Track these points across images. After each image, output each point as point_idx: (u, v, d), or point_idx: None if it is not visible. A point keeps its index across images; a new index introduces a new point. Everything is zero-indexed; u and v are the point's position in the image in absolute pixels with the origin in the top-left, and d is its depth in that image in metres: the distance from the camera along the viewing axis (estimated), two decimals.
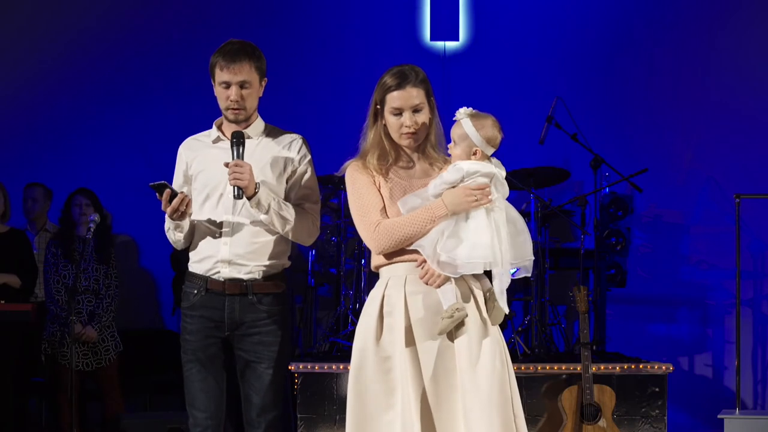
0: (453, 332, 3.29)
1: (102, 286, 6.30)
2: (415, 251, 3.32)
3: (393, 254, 3.38)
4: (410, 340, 3.28)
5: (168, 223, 3.77)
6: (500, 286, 3.32)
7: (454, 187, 3.31)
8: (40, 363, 6.44)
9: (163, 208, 3.66)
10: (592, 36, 7.54)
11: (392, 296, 3.34)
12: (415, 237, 3.30)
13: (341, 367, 5.69)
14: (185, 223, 3.74)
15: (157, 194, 3.67)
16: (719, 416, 6.01)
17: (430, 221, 3.28)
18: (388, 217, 3.37)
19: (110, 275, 6.33)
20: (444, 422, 3.26)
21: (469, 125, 3.33)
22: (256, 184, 3.62)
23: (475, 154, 3.34)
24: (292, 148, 3.80)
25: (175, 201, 3.64)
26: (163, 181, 3.67)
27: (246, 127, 3.76)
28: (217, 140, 3.81)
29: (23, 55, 7.54)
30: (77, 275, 6.10)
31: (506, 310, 3.35)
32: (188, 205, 3.68)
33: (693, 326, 7.40)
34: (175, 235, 3.79)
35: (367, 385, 3.32)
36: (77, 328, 6.14)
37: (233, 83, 3.69)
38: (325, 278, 7.02)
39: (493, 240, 3.28)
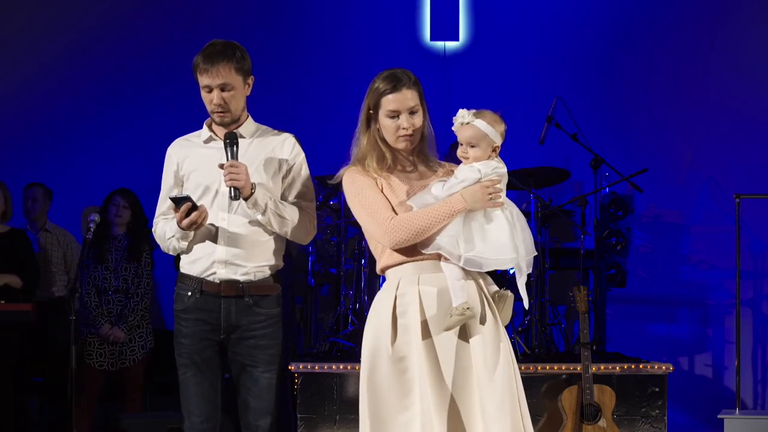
0: (468, 330, 3.30)
1: (131, 285, 6.31)
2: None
3: (402, 255, 3.36)
4: (427, 340, 3.28)
5: (174, 233, 3.71)
6: (522, 281, 3.36)
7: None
8: (43, 363, 6.45)
9: (178, 219, 3.60)
10: (592, 36, 7.54)
11: (406, 296, 3.33)
12: (432, 229, 3.28)
13: (341, 367, 5.69)
14: (192, 234, 3.70)
15: (172, 206, 3.63)
16: (719, 416, 6.01)
17: (448, 215, 3.28)
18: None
19: (140, 274, 6.33)
20: (461, 420, 3.26)
21: (484, 125, 3.34)
22: (252, 184, 3.60)
23: (494, 150, 3.37)
24: (285, 146, 3.78)
25: (195, 214, 3.59)
26: (186, 195, 3.63)
27: (237, 128, 3.73)
28: (209, 140, 3.78)
29: (23, 55, 7.54)
30: (77, 276, 6.10)
31: (526, 305, 3.40)
32: (205, 218, 3.63)
33: (693, 326, 7.40)
34: (179, 243, 3.72)
35: (381, 387, 3.30)
36: (105, 328, 6.18)
37: (214, 87, 3.65)
38: (325, 278, 7.01)
39: (514, 239, 3.31)
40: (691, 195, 7.46)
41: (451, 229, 3.29)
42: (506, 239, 3.30)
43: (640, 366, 5.83)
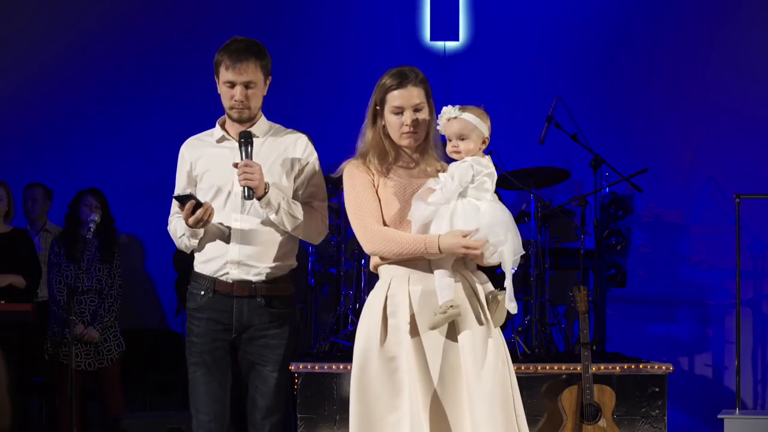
0: (457, 330, 3.30)
1: (105, 285, 6.30)
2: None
3: None
4: (416, 340, 3.29)
5: (183, 231, 3.71)
6: (509, 283, 3.35)
7: (471, 182, 3.31)
8: (40, 363, 6.44)
9: (184, 217, 3.60)
10: (592, 36, 7.54)
11: (396, 296, 3.34)
12: (404, 256, 3.34)
13: (341, 367, 5.69)
14: (202, 231, 3.71)
15: (178, 205, 3.63)
16: (719, 416, 6.01)
17: (423, 252, 3.31)
18: (384, 219, 3.40)
19: (113, 275, 6.34)
20: (450, 420, 3.27)
21: (472, 117, 3.37)
22: (266, 183, 3.61)
23: (484, 142, 3.39)
24: (297, 146, 3.79)
25: (200, 212, 3.58)
26: (189, 192, 3.63)
27: (250, 126, 3.74)
28: (221, 139, 3.78)
29: (23, 55, 7.54)
30: (77, 275, 6.09)
31: (514, 310, 3.37)
32: (211, 215, 3.63)
33: (693, 326, 7.40)
34: (190, 241, 3.73)
35: (371, 387, 3.32)
36: (79, 328, 6.15)
37: (238, 83, 3.67)
38: (325, 278, 7.01)
39: (508, 238, 3.31)
40: (691, 195, 7.46)
41: (443, 225, 3.29)
42: (500, 228, 3.30)
43: (640, 366, 5.82)
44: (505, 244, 3.30)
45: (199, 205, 3.60)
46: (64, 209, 6.60)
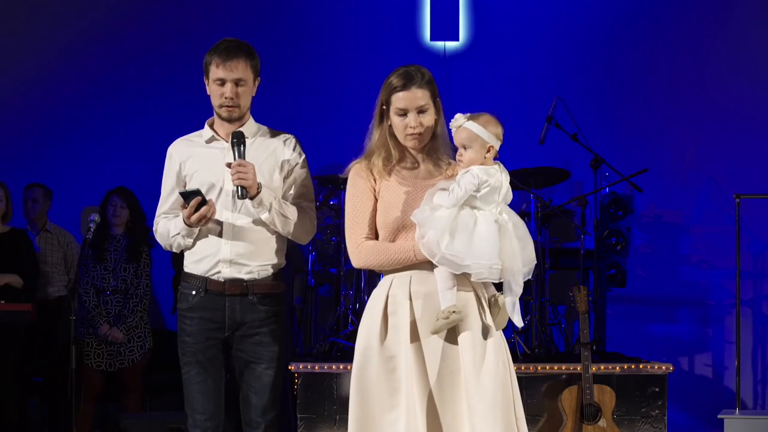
0: (457, 333, 3.30)
1: (130, 285, 6.29)
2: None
3: None
4: (415, 340, 3.29)
5: (179, 230, 3.73)
6: (512, 298, 3.32)
7: (477, 191, 3.29)
8: (43, 363, 6.44)
9: (186, 215, 3.62)
10: (592, 36, 7.54)
11: (397, 296, 3.34)
12: (394, 266, 3.35)
13: (341, 367, 5.69)
14: (197, 230, 3.72)
15: (182, 201, 3.64)
16: (719, 416, 6.01)
17: (412, 258, 3.32)
18: (387, 222, 3.37)
19: (140, 274, 6.31)
20: (448, 422, 3.27)
21: (475, 126, 3.34)
22: (258, 183, 3.63)
23: (488, 151, 3.35)
24: (286, 147, 3.81)
25: (204, 209, 3.61)
26: (197, 188, 3.65)
27: (240, 127, 3.76)
28: (211, 140, 3.81)
29: (23, 55, 7.54)
30: (76, 276, 6.10)
31: (520, 324, 3.37)
32: (213, 213, 3.66)
33: (693, 326, 7.40)
34: (184, 240, 3.75)
35: (370, 385, 3.32)
36: (104, 328, 6.17)
37: (228, 80, 3.69)
38: (325, 278, 7.01)
39: (506, 250, 3.28)
40: (691, 195, 7.46)
41: (436, 230, 3.26)
42: (492, 249, 3.26)
43: (640, 366, 5.82)
44: (495, 267, 3.25)
45: (204, 202, 3.62)
46: (64, 209, 6.60)
